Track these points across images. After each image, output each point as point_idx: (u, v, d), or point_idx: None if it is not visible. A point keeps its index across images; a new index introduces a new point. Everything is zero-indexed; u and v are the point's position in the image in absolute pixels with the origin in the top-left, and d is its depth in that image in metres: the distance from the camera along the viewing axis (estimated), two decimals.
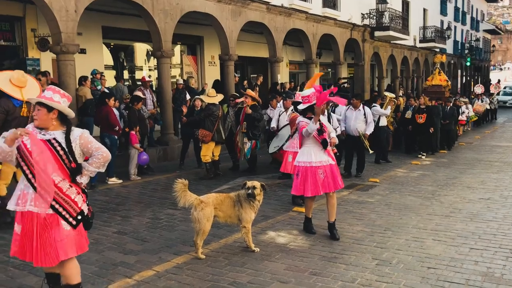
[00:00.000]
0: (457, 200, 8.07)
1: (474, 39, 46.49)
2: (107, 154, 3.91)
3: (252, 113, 9.90)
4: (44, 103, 3.76)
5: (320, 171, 5.85)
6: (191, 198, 5.25)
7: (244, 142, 9.99)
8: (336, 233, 5.98)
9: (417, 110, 13.34)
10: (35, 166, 3.62)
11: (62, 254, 3.71)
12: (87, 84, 10.88)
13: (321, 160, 5.88)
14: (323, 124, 5.97)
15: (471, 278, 4.72)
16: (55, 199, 3.68)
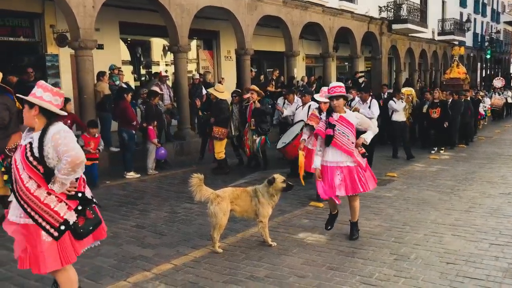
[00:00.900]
0: (476, 195, 7.96)
1: (494, 31, 45.68)
2: (74, 158, 3.44)
3: (261, 106, 9.78)
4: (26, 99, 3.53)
5: (338, 171, 5.54)
6: (207, 192, 5.27)
7: (253, 140, 9.82)
8: (354, 233, 5.79)
9: (431, 105, 12.93)
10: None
11: (43, 267, 3.49)
12: (105, 80, 10.99)
13: (337, 161, 5.53)
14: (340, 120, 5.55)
15: (492, 274, 4.65)
16: (33, 208, 3.43)
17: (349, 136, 5.51)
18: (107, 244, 5.63)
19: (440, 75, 29.34)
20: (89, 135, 8.50)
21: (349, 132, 5.52)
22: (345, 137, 5.50)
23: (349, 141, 5.52)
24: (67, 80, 13.09)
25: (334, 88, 5.58)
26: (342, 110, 5.58)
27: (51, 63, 12.71)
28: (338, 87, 5.57)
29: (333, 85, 5.69)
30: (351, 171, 5.53)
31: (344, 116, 5.57)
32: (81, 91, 10.37)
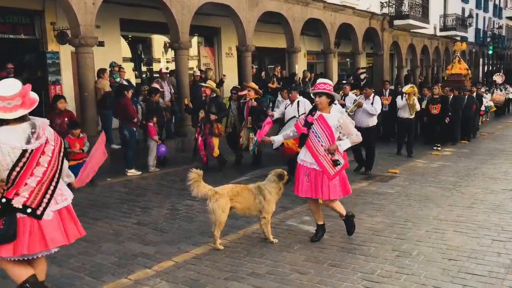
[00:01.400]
0: (478, 191, 7.93)
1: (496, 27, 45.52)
2: None
3: (258, 106, 9.69)
4: None
5: (306, 172, 5.35)
6: (204, 188, 5.25)
7: (250, 138, 9.61)
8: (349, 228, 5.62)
9: (431, 101, 12.74)
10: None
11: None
12: (106, 77, 10.97)
13: (307, 161, 5.35)
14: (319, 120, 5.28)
15: (494, 270, 4.64)
16: None
17: (320, 138, 5.23)
18: (108, 242, 5.64)
19: (442, 71, 29.26)
20: (72, 136, 8.30)
21: (322, 134, 5.23)
22: (316, 138, 5.25)
23: (318, 144, 5.24)
24: (67, 77, 13.06)
25: (318, 84, 5.34)
26: (325, 108, 5.30)
27: (51, 61, 12.68)
28: (323, 84, 5.31)
29: (318, 81, 5.45)
30: (318, 175, 5.27)
31: (324, 116, 5.28)
32: (82, 88, 10.35)
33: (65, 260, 5.06)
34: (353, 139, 5.36)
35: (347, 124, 5.34)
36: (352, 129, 5.39)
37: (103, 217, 6.67)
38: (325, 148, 5.20)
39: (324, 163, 5.22)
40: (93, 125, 10.52)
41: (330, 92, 5.26)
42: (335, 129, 5.25)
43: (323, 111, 5.29)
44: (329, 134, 5.22)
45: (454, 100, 13.45)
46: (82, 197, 7.75)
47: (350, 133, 5.36)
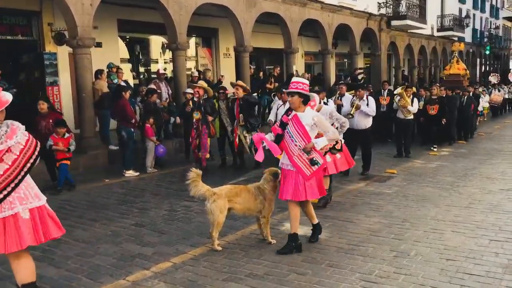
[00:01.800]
0: (476, 191, 7.95)
1: (493, 27, 45.61)
2: None
3: (245, 96, 9.41)
4: None
5: (285, 174, 5.26)
6: (202, 188, 5.25)
7: (244, 136, 9.46)
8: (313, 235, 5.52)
9: (428, 101, 12.68)
10: None
11: None
12: (103, 78, 10.97)
13: (283, 162, 5.29)
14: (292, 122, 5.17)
15: (492, 270, 4.64)
16: None
17: (294, 138, 5.12)
18: (106, 243, 5.63)
19: (440, 71, 29.31)
20: (57, 135, 8.14)
21: (296, 134, 5.12)
22: (290, 139, 5.15)
23: (292, 144, 5.13)
24: (65, 78, 13.05)
25: (292, 83, 5.21)
26: (299, 108, 5.18)
27: (49, 62, 12.66)
28: (296, 83, 5.17)
29: (292, 80, 5.33)
30: (296, 176, 5.16)
31: (298, 116, 5.15)
32: (80, 89, 10.35)
33: (62, 262, 5.06)
34: (330, 136, 5.26)
35: (322, 122, 5.28)
36: (328, 127, 5.35)
37: (101, 218, 6.66)
38: (300, 147, 5.10)
39: (299, 163, 5.11)
40: (91, 126, 10.51)
41: (302, 91, 5.13)
42: (310, 127, 5.14)
43: (297, 110, 5.18)
44: (302, 133, 5.11)
45: (447, 100, 13.37)
46: (80, 198, 7.77)
47: (326, 130, 5.28)
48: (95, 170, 9.90)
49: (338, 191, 8.02)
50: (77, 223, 6.46)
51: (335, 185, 8.39)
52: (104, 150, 10.48)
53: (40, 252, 5.35)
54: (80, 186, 8.57)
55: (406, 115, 11.26)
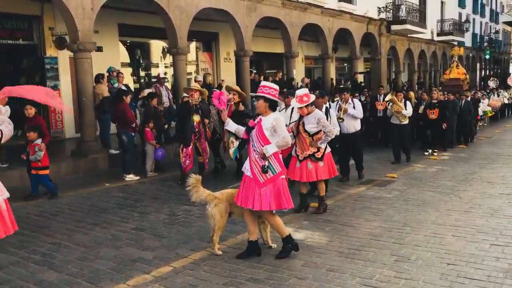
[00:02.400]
0: (476, 196, 7.94)
1: (493, 32, 45.72)
2: None
3: (245, 109, 9.24)
4: None
5: (244, 179, 5.15)
6: (203, 193, 5.26)
7: (231, 142, 8.96)
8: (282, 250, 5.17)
9: (428, 105, 12.47)
10: None
11: None
12: (104, 82, 10.98)
13: (245, 167, 5.18)
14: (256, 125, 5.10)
15: (492, 274, 4.64)
16: None
17: (254, 143, 5.09)
18: (107, 247, 5.62)
19: (440, 75, 29.35)
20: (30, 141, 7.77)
21: (255, 139, 5.08)
22: (251, 143, 5.13)
23: (252, 149, 5.11)
24: (66, 82, 13.08)
25: (260, 87, 5.18)
26: (264, 112, 5.11)
27: (50, 66, 12.71)
28: (264, 87, 5.13)
29: (262, 84, 5.27)
30: (251, 182, 5.04)
31: (261, 120, 5.13)
32: (80, 93, 10.36)
33: (63, 266, 5.05)
34: (279, 143, 5.03)
35: (279, 126, 5.07)
36: (281, 132, 5.07)
37: (101, 222, 6.66)
38: (257, 153, 5.02)
39: (255, 169, 5.02)
40: (91, 130, 10.51)
41: (268, 95, 5.06)
42: (269, 132, 5.03)
43: (263, 115, 5.13)
44: (261, 138, 5.02)
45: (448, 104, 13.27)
46: (80, 202, 7.77)
47: (279, 135, 5.06)
48: (96, 174, 9.90)
49: (338, 196, 8.02)
50: (77, 227, 6.45)
51: (335, 189, 8.42)
52: (105, 154, 10.48)
53: (41, 256, 5.35)
54: (81, 190, 8.57)
55: (401, 120, 11.05)
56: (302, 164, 6.81)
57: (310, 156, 6.76)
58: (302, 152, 6.80)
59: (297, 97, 6.68)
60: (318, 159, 6.78)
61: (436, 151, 12.46)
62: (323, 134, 6.70)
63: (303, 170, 6.77)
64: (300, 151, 6.84)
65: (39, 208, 7.43)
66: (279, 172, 5.04)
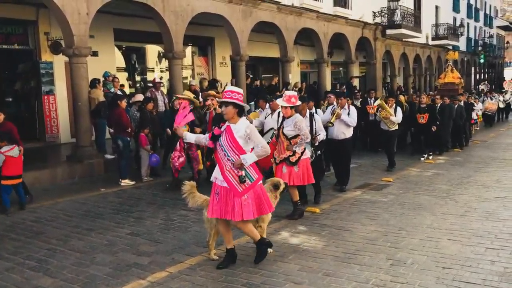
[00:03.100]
0: (472, 199, 7.97)
1: (487, 36, 46.00)
2: None
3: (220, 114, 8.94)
4: None
5: (217, 190, 4.91)
6: (200, 199, 5.25)
7: None
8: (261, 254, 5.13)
9: (418, 110, 12.35)
10: None
11: None
12: (99, 87, 10.97)
13: (216, 177, 4.94)
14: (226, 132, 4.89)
15: (488, 278, 4.65)
16: None
17: (226, 152, 4.84)
18: (102, 252, 5.61)
19: (435, 79, 29.48)
20: None
21: (228, 147, 4.83)
22: (222, 152, 4.87)
23: (225, 158, 4.85)
24: (61, 87, 13.07)
25: (225, 92, 4.93)
26: (232, 119, 4.88)
27: (45, 71, 12.68)
28: (230, 92, 4.90)
29: (226, 89, 5.04)
30: (228, 193, 4.83)
31: (231, 128, 4.86)
32: (76, 98, 10.34)
33: (58, 272, 5.03)
34: (258, 152, 4.87)
35: (253, 134, 4.90)
36: (258, 140, 4.93)
37: (97, 227, 6.64)
38: (232, 162, 4.81)
39: (231, 179, 4.80)
40: (86, 135, 10.49)
41: (237, 101, 4.84)
42: (244, 140, 4.84)
43: (231, 121, 4.88)
44: (235, 147, 4.81)
45: (441, 108, 13.22)
46: (75, 208, 7.74)
47: (256, 144, 4.90)
48: (91, 179, 9.88)
49: (334, 200, 8.03)
50: (72, 232, 6.43)
51: (331, 193, 8.44)
52: (100, 159, 10.45)
53: (36, 261, 5.33)
54: (76, 196, 8.54)
55: (390, 126, 10.82)
56: (278, 167, 6.77)
57: (285, 160, 6.72)
58: (279, 155, 6.79)
59: (285, 96, 6.61)
60: (293, 164, 6.69)
61: (431, 154, 12.44)
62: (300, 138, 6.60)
63: (278, 174, 6.67)
64: (277, 154, 6.81)
65: (35, 214, 7.40)
66: (256, 179, 4.94)
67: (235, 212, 4.77)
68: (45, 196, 8.44)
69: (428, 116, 12.12)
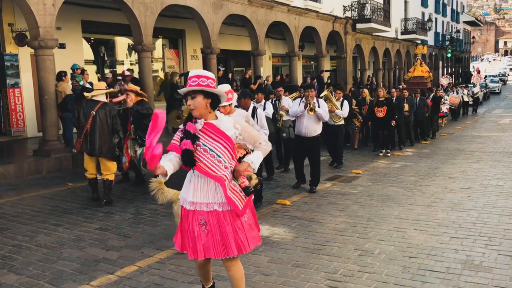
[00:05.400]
0: (438, 190, 8.17)
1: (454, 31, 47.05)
2: None
3: (134, 106, 7.88)
4: None
5: (202, 219, 3.46)
6: (169, 193, 5.20)
7: (135, 151, 8.08)
8: None
9: (376, 103, 12.08)
10: None
11: None
12: (66, 80, 10.75)
13: (201, 201, 3.46)
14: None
15: (451, 266, 4.79)
16: None
17: (220, 156, 3.43)
18: (70, 248, 5.52)
19: (404, 73, 30.01)
20: None
21: (221, 149, 3.44)
22: (213, 157, 3.42)
23: (220, 164, 3.43)
24: (27, 80, 12.74)
25: (191, 78, 3.42)
26: (207, 114, 3.46)
27: (10, 63, 12.34)
28: (197, 78, 3.40)
29: (191, 74, 3.46)
30: (221, 220, 3.46)
31: (213, 124, 3.46)
32: (42, 91, 10.10)
33: (23, 268, 4.92)
34: (264, 148, 3.65)
35: (247, 130, 3.59)
36: (256, 136, 3.65)
37: (65, 222, 6.52)
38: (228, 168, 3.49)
39: (230, 193, 3.45)
40: (53, 129, 10.27)
41: (207, 88, 3.40)
42: (234, 140, 3.54)
43: (206, 118, 3.47)
44: (231, 148, 3.48)
45: (397, 101, 12.92)
46: (43, 203, 7.58)
47: (255, 140, 3.62)
48: (59, 174, 9.69)
49: (304, 192, 8.10)
50: (39, 228, 6.30)
51: (301, 186, 8.49)
52: (68, 154, 10.25)
53: (0, 258, 5.20)
54: (44, 191, 8.36)
55: (335, 121, 10.37)
56: None
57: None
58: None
59: None
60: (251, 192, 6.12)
61: (389, 151, 12.08)
62: None
63: None
64: None
65: (0, 209, 7.21)
66: None
67: (240, 242, 3.48)
68: (11, 192, 8.25)
69: (386, 109, 11.85)
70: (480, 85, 30.69)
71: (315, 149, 8.13)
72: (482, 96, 31.02)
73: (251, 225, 3.59)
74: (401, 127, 13.07)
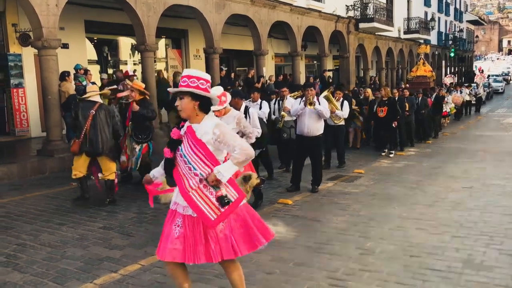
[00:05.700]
0: (440, 190, 8.18)
1: (457, 30, 46.96)
2: None
3: (140, 110, 7.85)
4: None
5: (178, 220, 3.43)
6: (173, 193, 5.20)
7: (133, 148, 8.12)
8: None
9: (378, 103, 11.91)
10: None
11: None
12: (70, 80, 10.81)
13: (178, 203, 3.46)
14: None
15: (452, 265, 4.81)
16: None
17: (191, 164, 3.34)
18: (73, 247, 5.56)
19: (407, 73, 29.99)
20: None
21: (193, 156, 3.34)
22: (186, 165, 3.36)
23: (190, 173, 3.35)
24: (31, 80, 12.81)
25: (182, 78, 3.38)
26: (194, 117, 3.38)
27: (13, 63, 12.41)
28: (188, 78, 3.34)
29: (183, 74, 3.42)
30: (195, 225, 3.37)
31: (193, 128, 3.37)
32: (45, 91, 10.16)
33: (28, 266, 4.97)
34: (237, 158, 3.28)
35: (226, 134, 3.33)
36: (234, 141, 3.33)
37: (68, 221, 6.57)
38: (202, 177, 3.35)
39: (199, 201, 3.32)
40: (57, 129, 10.33)
41: (196, 90, 3.31)
42: (212, 146, 3.34)
43: (192, 121, 3.40)
44: (205, 154, 3.33)
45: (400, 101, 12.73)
46: (47, 202, 7.63)
47: (231, 149, 3.32)
48: (62, 174, 9.73)
49: (306, 192, 8.13)
50: (43, 227, 6.35)
51: (303, 185, 8.51)
52: (71, 154, 10.29)
53: (4, 257, 5.25)
54: (47, 190, 8.42)
55: (335, 121, 10.30)
56: None
57: None
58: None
59: None
60: None
61: (392, 152, 11.94)
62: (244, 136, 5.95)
63: None
64: None
65: (4, 209, 7.27)
66: (237, 198, 3.43)
67: (211, 250, 3.36)
68: (14, 191, 8.31)
69: (387, 109, 11.57)
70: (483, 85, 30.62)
71: (316, 149, 8.03)
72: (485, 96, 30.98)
73: (227, 237, 3.39)
74: (402, 127, 12.93)
